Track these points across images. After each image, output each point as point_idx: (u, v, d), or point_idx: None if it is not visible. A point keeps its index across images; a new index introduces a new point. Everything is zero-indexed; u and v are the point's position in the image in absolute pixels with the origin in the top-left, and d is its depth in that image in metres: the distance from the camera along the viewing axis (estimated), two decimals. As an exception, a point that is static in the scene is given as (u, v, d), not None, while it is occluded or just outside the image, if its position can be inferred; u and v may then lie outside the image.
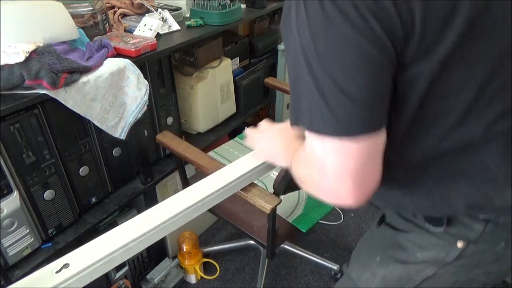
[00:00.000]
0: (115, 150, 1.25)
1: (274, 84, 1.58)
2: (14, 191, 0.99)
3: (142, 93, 1.14)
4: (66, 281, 0.69)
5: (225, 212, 1.28)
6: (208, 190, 0.88)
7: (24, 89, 0.92)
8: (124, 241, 0.75)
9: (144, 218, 0.80)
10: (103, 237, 0.76)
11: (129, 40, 1.17)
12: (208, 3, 1.42)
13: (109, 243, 0.74)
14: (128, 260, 1.45)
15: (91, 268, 0.71)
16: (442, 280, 0.70)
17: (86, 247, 0.74)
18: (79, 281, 0.70)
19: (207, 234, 1.82)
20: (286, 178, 0.95)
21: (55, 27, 1.03)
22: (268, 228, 1.10)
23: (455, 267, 0.67)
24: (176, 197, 0.86)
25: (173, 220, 0.82)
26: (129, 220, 0.79)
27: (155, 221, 0.79)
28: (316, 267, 1.65)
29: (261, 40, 1.84)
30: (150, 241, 0.79)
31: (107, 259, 0.73)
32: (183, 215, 0.83)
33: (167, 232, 0.81)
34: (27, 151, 0.99)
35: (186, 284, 1.59)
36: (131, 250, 0.76)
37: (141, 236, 0.77)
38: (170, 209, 0.83)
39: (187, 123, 1.59)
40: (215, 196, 0.89)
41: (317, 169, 0.55)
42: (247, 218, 1.20)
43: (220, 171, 0.95)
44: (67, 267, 0.70)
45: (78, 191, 1.17)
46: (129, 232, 0.76)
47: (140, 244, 0.77)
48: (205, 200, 0.87)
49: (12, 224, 1.00)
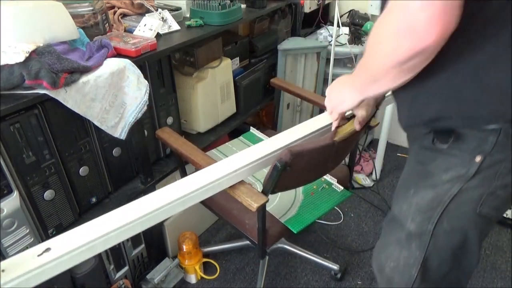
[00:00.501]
0: (115, 150, 1.25)
1: (280, 85, 1.57)
2: (14, 191, 0.99)
3: (142, 93, 1.14)
4: (47, 264, 0.73)
5: (220, 209, 1.29)
6: (194, 186, 0.91)
7: (24, 89, 0.92)
8: (105, 230, 0.79)
9: (125, 210, 0.84)
10: (86, 225, 0.80)
11: (129, 40, 1.17)
12: (208, 3, 1.42)
13: (91, 231, 0.79)
14: (128, 260, 1.45)
15: (72, 253, 0.75)
16: (468, 196, 0.77)
17: (68, 233, 0.79)
18: (60, 265, 0.75)
19: (207, 234, 1.82)
20: (272, 176, 0.96)
21: (55, 27, 1.03)
22: (258, 227, 1.11)
23: (477, 181, 0.75)
24: (160, 192, 0.90)
25: (153, 214, 0.85)
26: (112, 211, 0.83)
27: (135, 214, 0.83)
28: (316, 267, 1.65)
29: (261, 40, 1.84)
30: (130, 233, 0.83)
31: (88, 246, 0.77)
32: (164, 209, 0.87)
33: (147, 226, 0.85)
34: (27, 151, 0.99)
35: (186, 284, 1.59)
36: (112, 239, 0.80)
37: (122, 227, 0.81)
38: (152, 203, 0.86)
39: (187, 123, 1.59)
40: (200, 192, 0.92)
41: (399, 8, 0.59)
42: (241, 216, 1.21)
43: (209, 168, 0.98)
44: (49, 251, 0.75)
45: (78, 191, 1.17)
46: (110, 222, 0.81)
47: (120, 234, 0.81)
48: (189, 196, 0.90)
49: (12, 224, 1.00)
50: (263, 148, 1.04)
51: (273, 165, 0.94)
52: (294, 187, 1.19)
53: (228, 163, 0.99)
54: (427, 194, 0.81)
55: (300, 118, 2.15)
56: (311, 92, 1.54)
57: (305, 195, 1.32)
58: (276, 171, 0.94)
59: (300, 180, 1.13)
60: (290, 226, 1.19)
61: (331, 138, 0.98)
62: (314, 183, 1.36)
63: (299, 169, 0.99)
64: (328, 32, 1.96)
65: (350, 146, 1.17)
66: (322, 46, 1.88)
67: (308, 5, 1.99)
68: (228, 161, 1.00)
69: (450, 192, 0.78)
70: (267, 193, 1.00)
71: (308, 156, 0.96)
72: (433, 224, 0.81)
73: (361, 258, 1.69)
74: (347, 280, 1.60)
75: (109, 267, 1.37)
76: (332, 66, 1.88)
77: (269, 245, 1.20)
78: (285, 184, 1.04)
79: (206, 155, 1.12)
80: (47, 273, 0.74)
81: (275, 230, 1.19)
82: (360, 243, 1.77)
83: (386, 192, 2.06)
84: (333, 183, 1.35)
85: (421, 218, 0.82)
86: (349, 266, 1.65)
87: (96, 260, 1.27)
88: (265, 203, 0.97)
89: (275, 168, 0.94)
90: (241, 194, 0.98)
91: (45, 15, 1.02)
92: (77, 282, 1.23)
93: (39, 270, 0.72)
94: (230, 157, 1.01)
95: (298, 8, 1.98)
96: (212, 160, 1.07)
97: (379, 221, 1.88)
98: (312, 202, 1.29)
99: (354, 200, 2.01)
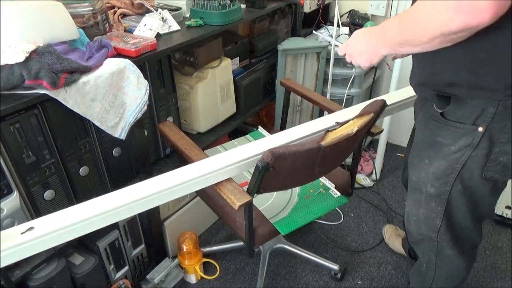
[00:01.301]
0: (115, 150, 1.25)
1: (290, 85, 1.56)
2: (14, 191, 0.99)
3: (142, 93, 1.14)
4: (29, 241, 0.78)
5: (215, 204, 1.29)
6: (180, 179, 0.96)
7: (24, 89, 0.92)
8: (87, 215, 0.83)
9: (110, 197, 0.89)
10: (70, 208, 0.85)
11: (129, 40, 1.17)
12: (208, 3, 1.42)
13: (74, 214, 0.83)
14: (128, 260, 1.45)
15: (54, 233, 0.80)
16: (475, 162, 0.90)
17: (52, 215, 0.83)
18: (42, 244, 0.79)
19: (207, 234, 1.82)
20: (255, 176, 0.97)
21: (55, 27, 1.03)
22: (245, 225, 1.11)
23: (481, 150, 0.88)
24: (147, 182, 0.94)
25: (137, 203, 0.90)
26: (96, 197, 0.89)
27: (119, 201, 0.88)
28: (316, 267, 1.65)
29: (261, 40, 1.84)
30: (111, 220, 0.88)
31: (70, 228, 0.82)
32: (148, 199, 0.91)
33: (127, 215, 0.91)
34: (27, 151, 0.99)
35: (186, 284, 1.59)
36: (93, 224, 0.85)
37: (103, 213, 0.86)
38: (137, 193, 0.91)
39: (187, 123, 1.59)
40: (186, 186, 0.96)
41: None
42: (232, 213, 1.21)
43: (198, 163, 1.02)
44: (32, 229, 0.79)
45: (78, 191, 1.17)
46: (93, 208, 0.86)
47: (101, 220, 0.86)
48: (173, 189, 0.94)
49: (12, 224, 1.00)
50: (252, 148, 1.06)
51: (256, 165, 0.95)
52: (281, 189, 1.19)
53: (216, 160, 1.02)
54: (441, 164, 0.95)
55: (300, 119, 2.15)
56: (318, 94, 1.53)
57: (300, 198, 1.31)
58: (258, 171, 0.95)
59: (286, 182, 1.13)
60: (278, 228, 1.19)
61: (318, 142, 0.97)
62: (311, 187, 1.35)
63: (283, 171, 0.99)
64: (328, 32, 1.96)
65: (344, 152, 1.15)
66: (322, 46, 1.88)
67: (308, 5, 1.99)
68: (217, 158, 1.03)
69: (461, 160, 0.91)
70: (252, 192, 1.01)
71: (291, 158, 0.96)
72: (450, 186, 0.97)
73: (361, 258, 1.69)
74: (347, 280, 1.60)
75: (109, 267, 1.37)
76: (332, 66, 1.88)
77: (257, 244, 1.20)
78: (270, 185, 1.04)
79: (201, 151, 1.14)
80: (29, 250, 0.78)
81: (264, 230, 1.19)
82: (360, 243, 1.77)
83: (386, 192, 2.06)
84: (331, 188, 1.34)
85: (439, 183, 0.98)
86: (349, 266, 1.65)
87: (96, 260, 1.27)
88: (249, 202, 0.98)
89: (256, 169, 0.95)
90: (226, 191, 1.00)
91: (45, 15, 1.02)
92: (77, 282, 1.23)
93: (21, 246, 0.77)
94: (220, 155, 1.04)
95: (298, 8, 1.98)
96: (205, 156, 1.08)
97: (379, 221, 1.88)
98: (306, 205, 1.28)
99: (354, 200, 2.01)
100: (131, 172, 1.35)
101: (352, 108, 1.25)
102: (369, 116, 1.07)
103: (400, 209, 1.95)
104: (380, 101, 1.10)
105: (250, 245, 1.17)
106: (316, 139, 0.99)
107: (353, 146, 1.19)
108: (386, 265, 1.66)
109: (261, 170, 0.94)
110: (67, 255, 1.25)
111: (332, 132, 1.03)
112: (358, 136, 1.07)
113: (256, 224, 1.17)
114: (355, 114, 1.10)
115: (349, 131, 1.01)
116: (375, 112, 1.08)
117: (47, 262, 1.14)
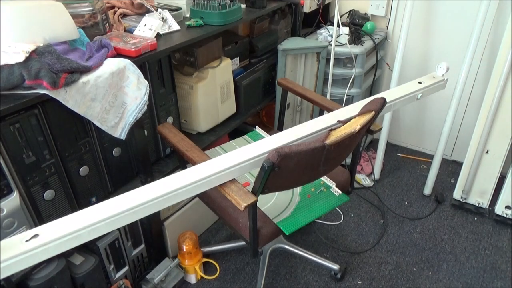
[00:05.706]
0: (115, 150, 1.25)
1: (287, 85, 1.57)
2: (14, 191, 0.99)
3: (142, 93, 1.14)
4: (34, 249, 0.76)
5: (217, 206, 1.29)
6: (184, 182, 0.94)
7: (24, 89, 0.92)
8: (92, 220, 0.82)
9: (115, 202, 0.87)
10: (74, 214, 0.83)
11: (129, 40, 1.17)
12: (208, 3, 1.42)
13: (79, 221, 0.82)
14: (128, 260, 1.45)
15: (59, 241, 0.78)
16: None
17: (57, 222, 0.81)
18: (47, 251, 0.77)
19: (207, 234, 1.82)
20: (261, 177, 0.96)
21: (55, 27, 1.03)
22: (249, 226, 1.11)
23: None
24: (152, 185, 0.92)
25: (143, 207, 0.88)
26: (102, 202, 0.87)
27: (124, 206, 0.86)
28: (316, 267, 1.65)
29: (261, 40, 1.84)
30: (117, 224, 0.86)
31: (74, 235, 0.80)
32: (154, 203, 0.90)
33: (133, 219, 0.88)
34: (27, 151, 0.99)
35: (186, 284, 1.59)
36: (98, 229, 0.83)
37: (108, 218, 0.84)
38: (142, 196, 0.89)
39: (187, 123, 1.59)
40: (190, 189, 0.95)
41: None
42: (235, 214, 1.21)
43: (201, 165, 1.00)
44: (37, 237, 0.77)
45: (78, 191, 1.17)
46: (98, 213, 0.84)
47: (107, 225, 0.84)
48: (177, 192, 0.93)
49: (12, 224, 1.00)
50: (256, 148, 1.05)
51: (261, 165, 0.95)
52: (285, 189, 1.20)
53: (220, 161, 1.01)
54: None
55: (300, 119, 2.15)
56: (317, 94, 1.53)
57: (301, 197, 1.31)
58: (264, 171, 0.94)
59: (291, 182, 1.13)
60: (282, 227, 1.19)
61: (322, 141, 0.97)
62: (312, 186, 1.35)
63: (288, 170, 0.99)
64: (328, 32, 1.96)
65: (347, 150, 1.16)
66: (322, 46, 1.88)
67: (308, 5, 1.99)
68: (220, 159, 1.01)
69: None
70: (257, 193, 1.01)
71: (297, 157, 0.96)
72: None
73: (361, 258, 1.69)
74: (347, 280, 1.60)
75: (109, 267, 1.37)
76: (332, 66, 1.88)
77: (261, 244, 1.20)
78: (275, 185, 1.04)
79: (202, 152, 1.13)
80: (34, 258, 0.77)
81: (267, 230, 1.19)
82: (360, 243, 1.77)
83: (386, 192, 2.06)
84: (332, 186, 1.34)
85: None
86: (349, 266, 1.65)
87: (96, 260, 1.27)
88: (254, 203, 0.98)
89: (262, 169, 0.95)
90: (231, 193, 0.99)
91: (45, 15, 1.02)
92: (77, 282, 1.23)
93: (26, 255, 0.75)
94: (223, 156, 1.03)
95: (298, 8, 1.98)
96: (207, 158, 1.08)
97: (379, 221, 1.88)
98: (308, 204, 1.28)
99: (354, 200, 2.01)
100: (131, 172, 1.36)
101: (352, 106, 1.25)
102: (370, 114, 1.07)
103: (399, 209, 1.95)
104: (380, 99, 1.10)
105: (254, 245, 1.17)
106: (321, 138, 0.99)
107: (355, 144, 1.19)
108: (386, 265, 1.66)
109: (267, 170, 0.93)
110: (67, 255, 1.25)
111: (336, 131, 1.03)
112: (360, 134, 1.07)
113: (260, 225, 1.17)
114: (355, 112, 1.10)
115: (352, 129, 1.01)
116: (376, 110, 1.08)
117: (47, 262, 1.15)
